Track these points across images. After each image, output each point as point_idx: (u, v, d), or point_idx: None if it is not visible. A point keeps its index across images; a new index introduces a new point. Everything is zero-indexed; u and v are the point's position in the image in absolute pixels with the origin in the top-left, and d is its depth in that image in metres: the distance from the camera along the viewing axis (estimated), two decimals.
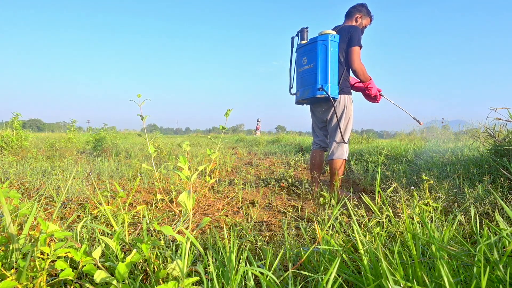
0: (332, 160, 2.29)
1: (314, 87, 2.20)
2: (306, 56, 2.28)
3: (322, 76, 2.19)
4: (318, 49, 2.19)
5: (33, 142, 5.49)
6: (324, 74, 2.19)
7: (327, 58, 2.18)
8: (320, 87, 2.17)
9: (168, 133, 71.32)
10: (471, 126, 5.63)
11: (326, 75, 2.18)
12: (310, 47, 2.26)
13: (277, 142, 8.85)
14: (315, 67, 2.21)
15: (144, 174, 2.74)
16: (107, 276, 0.76)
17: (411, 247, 0.87)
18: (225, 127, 1.83)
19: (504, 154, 2.00)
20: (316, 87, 2.19)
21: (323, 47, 2.19)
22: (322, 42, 2.19)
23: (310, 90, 2.23)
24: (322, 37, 2.20)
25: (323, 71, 2.19)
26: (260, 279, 0.79)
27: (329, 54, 2.17)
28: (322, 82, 2.18)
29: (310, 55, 2.25)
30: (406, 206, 1.49)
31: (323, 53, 2.19)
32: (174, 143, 5.69)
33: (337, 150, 2.29)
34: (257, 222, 1.69)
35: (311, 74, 2.24)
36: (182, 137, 14.96)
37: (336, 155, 2.29)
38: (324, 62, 2.18)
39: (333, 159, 2.29)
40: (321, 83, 2.18)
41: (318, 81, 2.19)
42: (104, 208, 1.12)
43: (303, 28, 2.37)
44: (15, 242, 0.85)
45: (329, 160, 2.33)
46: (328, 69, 2.18)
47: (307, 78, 2.28)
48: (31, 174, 2.50)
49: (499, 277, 0.74)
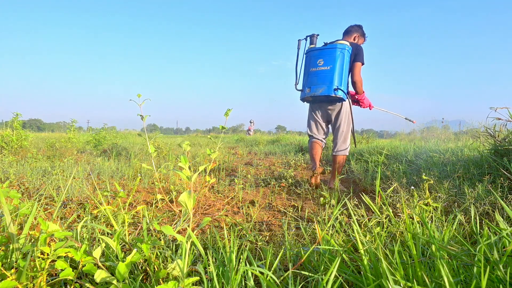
0: (337, 156, 2.62)
1: (330, 87, 2.44)
2: (323, 58, 2.52)
3: (338, 78, 2.46)
4: (337, 54, 2.46)
5: (33, 142, 5.49)
6: (340, 77, 2.46)
7: (343, 64, 2.47)
8: (336, 87, 2.43)
9: (168, 133, 71.33)
10: (471, 126, 5.62)
11: (341, 78, 2.47)
12: (329, 52, 2.50)
13: (277, 142, 8.85)
14: (332, 69, 2.46)
15: (144, 174, 2.74)
16: (108, 276, 0.76)
17: (411, 247, 0.87)
18: (225, 127, 1.83)
19: (504, 154, 2.00)
20: (332, 87, 2.43)
21: (342, 54, 2.47)
22: (341, 49, 2.47)
23: (326, 89, 2.46)
24: (341, 45, 2.48)
25: (340, 74, 2.46)
26: (260, 279, 0.79)
27: (344, 61, 2.47)
28: (339, 83, 2.45)
29: (328, 58, 2.49)
30: (406, 206, 1.49)
31: (341, 59, 2.47)
32: (174, 143, 5.69)
33: (342, 147, 2.62)
34: (257, 222, 1.70)
35: (328, 75, 2.47)
36: (182, 137, 14.96)
37: (341, 151, 2.62)
38: (341, 67, 2.47)
39: (337, 154, 2.62)
40: (337, 84, 2.44)
41: (335, 82, 2.44)
42: (104, 208, 1.12)
43: (314, 34, 2.67)
44: (15, 242, 0.85)
45: (334, 155, 2.64)
46: (342, 73, 2.47)
47: (322, 77, 2.50)
48: (31, 174, 2.50)
49: (499, 277, 0.74)
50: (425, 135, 6.60)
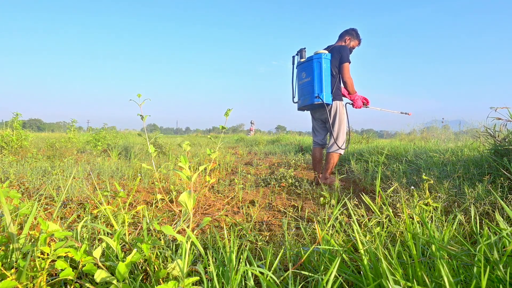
0: (329, 153, 2.85)
1: (312, 96, 2.69)
2: (305, 71, 2.79)
3: (318, 86, 2.68)
4: (314, 65, 2.70)
5: (33, 142, 5.49)
6: (319, 85, 2.67)
7: (321, 72, 2.67)
8: (317, 95, 2.66)
9: (168, 133, 71.20)
10: (471, 126, 5.62)
11: (321, 85, 2.67)
12: (307, 64, 2.76)
13: (277, 142, 8.85)
14: (312, 80, 2.70)
15: (144, 173, 2.74)
16: (108, 276, 0.76)
17: (411, 247, 0.87)
18: (225, 127, 1.82)
19: (504, 154, 2.00)
20: (314, 96, 2.67)
21: (318, 64, 2.69)
22: (317, 60, 2.70)
23: (309, 98, 2.72)
24: (317, 56, 2.70)
25: (319, 83, 2.68)
26: (260, 279, 0.79)
27: (323, 69, 2.67)
28: (318, 91, 2.67)
29: (308, 70, 2.75)
30: (406, 206, 1.49)
31: (318, 68, 2.69)
32: (174, 143, 5.69)
33: (333, 146, 2.83)
34: (257, 222, 1.70)
35: (309, 86, 2.73)
36: (182, 137, 14.95)
37: (332, 149, 2.83)
38: (319, 75, 2.68)
39: (330, 152, 2.85)
40: (317, 92, 2.67)
41: (315, 91, 2.67)
42: (104, 207, 1.12)
43: (302, 48, 2.87)
44: (15, 242, 0.85)
45: (327, 152, 2.88)
46: (322, 80, 2.67)
47: (306, 89, 2.77)
48: (31, 174, 2.50)
49: (499, 277, 0.74)
50: (425, 135, 6.60)
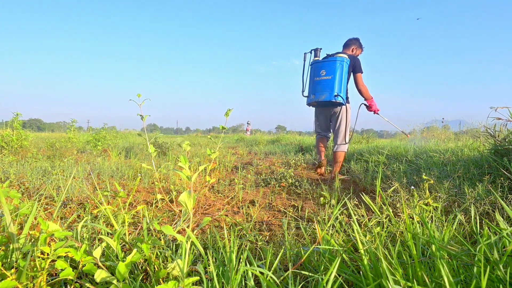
0: (337, 152, 3.04)
1: (331, 93, 2.89)
2: (325, 69, 2.94)
3: (338, 86, 2.89)
4: (337, 66, 2.89)
5: (33, 141, 5.49)
6: (339, 85, 2.90)
7: (342, 74, 2.89)
8: (337, 94, 2.88)
9: (168, 132, 71.28)
10: (471, 126, 5.62)
11: (340, 86, 2.90)
12: (331, 64, 2.92)
13: (277, 142, 8.84)
14: (333, 78, 2.88)
15: (144, 173, 2.74)
16: (108, 276, 0.76)
17: (411, 247, 0.87)
18: (225, 127, 1.82)
19: (504, 154, 2.00)
20: (333, 94, 2.88)
21: (341, 66, 2.90)
22: (340, 62, 2.90)
23: (328, 95, 2.91)
24: (340, 58, 2.90)
25: (339, 83, 2.89)
26: (260, 279, 0.79)
27: (343, 72, 2.89)
28: (338, 91, 2.89)
29: (330, 69, 2.92)
30: (406, 205, 1.49)
31: (340, 70, 2.89)
32: (174, 143, 5.70)
33: (341, 144, 3.04)
34: (257, 222, 1.69)
35: (330, 84, 2.90)
36: (182, 137, 14.95)
37: (340, 148, 3.03)
38: (340, 76, 2.89)
39: (337, 151, 3.04)
40: (337, 91, 2.88)
41: (335, 90, 2.88)
42: (105, 207, 1.12)
43: (318, 48, 3.09)
44: (15, 242, 0.85)
45: (334, 151, 3.07)
46: (342, 82, 2.90)
47: (324, 85, 2.93)
48: (31, 174, 2.50)
49: (499, 277, 0.74)
50: (425, 135, 6.60)
